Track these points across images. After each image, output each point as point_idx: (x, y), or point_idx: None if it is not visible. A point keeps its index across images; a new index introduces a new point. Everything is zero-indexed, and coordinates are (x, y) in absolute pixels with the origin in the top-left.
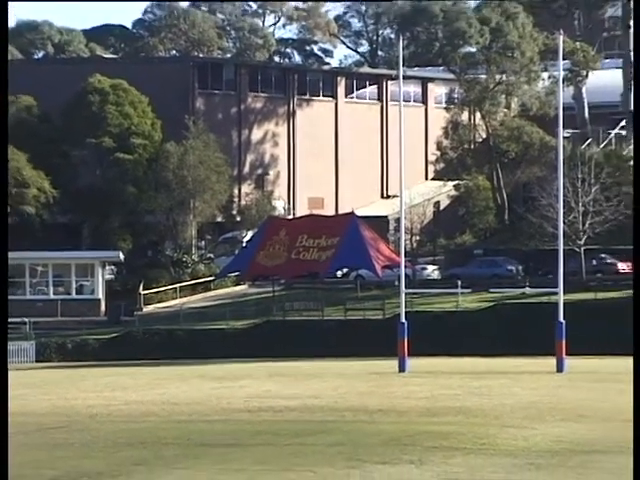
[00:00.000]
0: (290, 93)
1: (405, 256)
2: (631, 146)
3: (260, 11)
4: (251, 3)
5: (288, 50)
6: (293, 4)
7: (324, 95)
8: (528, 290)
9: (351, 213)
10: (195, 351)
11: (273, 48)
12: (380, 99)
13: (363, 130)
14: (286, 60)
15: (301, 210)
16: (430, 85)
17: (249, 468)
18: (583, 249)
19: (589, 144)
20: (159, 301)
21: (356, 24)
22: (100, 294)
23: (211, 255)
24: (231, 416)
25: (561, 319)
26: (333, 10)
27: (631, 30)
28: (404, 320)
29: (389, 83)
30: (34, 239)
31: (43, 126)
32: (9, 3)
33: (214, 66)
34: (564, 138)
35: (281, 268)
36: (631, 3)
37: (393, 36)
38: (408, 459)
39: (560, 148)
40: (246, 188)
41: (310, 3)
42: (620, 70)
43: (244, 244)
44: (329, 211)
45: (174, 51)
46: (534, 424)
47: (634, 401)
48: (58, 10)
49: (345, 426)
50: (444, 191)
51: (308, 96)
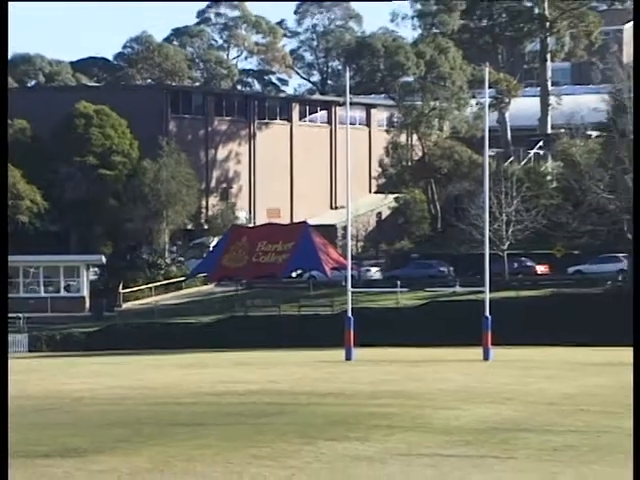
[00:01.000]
0: (251, 117)
1: (351, 259)
2: (548, 163)
3: (225, 45)
4: (216, 38)
5: (249, 79)
6: (254, 39)
7: (280, 119)
8: (458, 289)
9: (304, 222)
10: (168, 342)
11: (236, 78)
12: (329, 122)
13: (314, 150)
14: (247, 88)
15: (260, 219)
16: (373, 110)
17: (216, 444)
18: (506, 253)
19: (511, 162)
20: (136, 299)
21: (309, 57)
22: (85, 292)
23: (182, 258)
24: (200, 399)
25: (487, 314)
26: (289, 45)
27: (548, 63)
28: (350, 315)
29: (337, 108)
30: (27, 244)
31: (35, 146)
32: (9, 3)
33: (184, 93)
34: (489, 157)
35: (243, 270)
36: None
37: (341, 67)
38: (354, 436)
39: (486, 165)
40: (212, 200)
41: (269, 38)
42: (538, 97)
43: (211, 249)
44: (285, 220)
45: (149, 80)
46: (464, 405)
47: (634, 401)
48: (48, 43)
49: (299, 408)
50: (385, 203)
51: (266, 120)
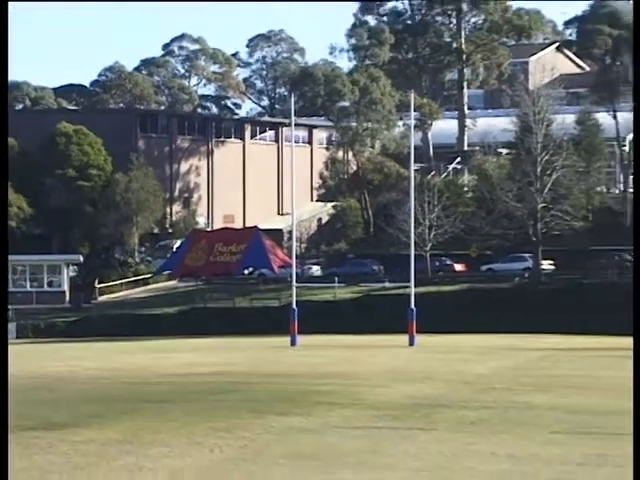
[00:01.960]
0: (209, 136)
1: (295, 258)
2: (464, 176)
3: (186, 74)
4: (179, 67)
5: (207, 104)
6: (211, 69)
7: (234, 138)
8: (387, 284)
9: (255, 227)
10: (138, 330)
11: (196, 102)
12: (277, 141)
13: (264, 164)
14: (206, 111)
15: (217, 224)
16: (314, 130)
17: (179, 419)
18: (429, 254)
19: (433, 175)
20: (110, 293)
21: (259, 84)
22: (65, 287)
23: (149, 258)
24: (165, 379)
25: (412, 306)
26: (242, 74)
27: (464, 90)
28: (295, 307)
29: (283, 129)
30: (15, 246)
31: (22, 160)
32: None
33: (151, 115)
34: (414, 170)
35: (202, 268)
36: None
37: (286, 94)
38: (298, 411)
39: (411, 178)
40: (176, 207)
41: (224, 68)
42: (456, 119)
43: (174, 250)
44: (238, 225)
45: (121, 104)
46: (393, 384)
47: (634, 401)
48: (34, 71)
49: (251, 387)
50: (325, 210)
51: (222, 138)
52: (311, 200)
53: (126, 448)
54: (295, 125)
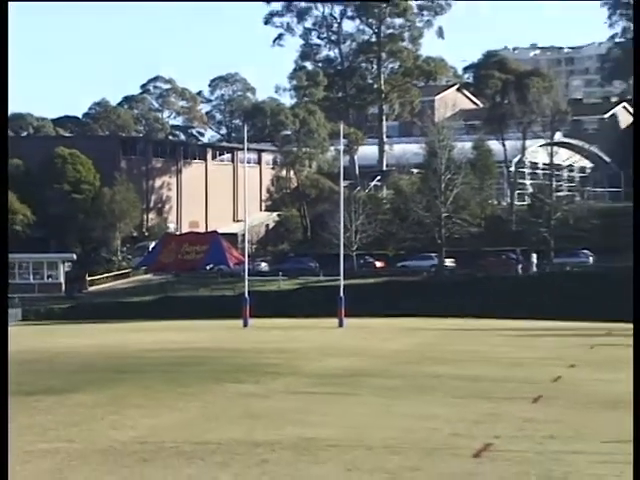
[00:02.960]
0: (178, 158)
1: (247, 257)
2: (383, 191)
3: (160, 108)
4: (154, 103)
5: (177, 132)
6: (180, 104)
7: (199, 159)
8: (322, 278)
9: (214, 231)
10: (120, 314)
11: (168, 131)
12: (233, 162)
13: (222, 181)
14: (175, 138)
15: (184, 229)
16: (263, 154)
17: (154, 386)
18: (355, 253)
19: (358, 190)
20: (98, 284)
21: (218, 116)
22: (61, 279)
23: (129, 256)
24: (143, 354)
25: (341, 295)
26: (205, 108)
27: (383, 122)
28: (247, 296)
29: (238, 152)
30: (21, 246)
31: (26, 177)
32: (9, 3)
33: (131, 141)
34: (343, 186)
35: (172, 264)
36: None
37: (240, 124)
38: (251, 380)
39: (341, 192)
40: (151, 215)
41: (191, 104)
42: (376, 145)
43: (150, 249)
44: (201, 229)
45: (107, 132)
46: (325, 358)
47: (634, 400)
48: (36, 105)
49: (212, 360)
50: (271, 218)
51: (189, 160)
52: (260, 210)
53: (110, 409)
54: (247, 149)
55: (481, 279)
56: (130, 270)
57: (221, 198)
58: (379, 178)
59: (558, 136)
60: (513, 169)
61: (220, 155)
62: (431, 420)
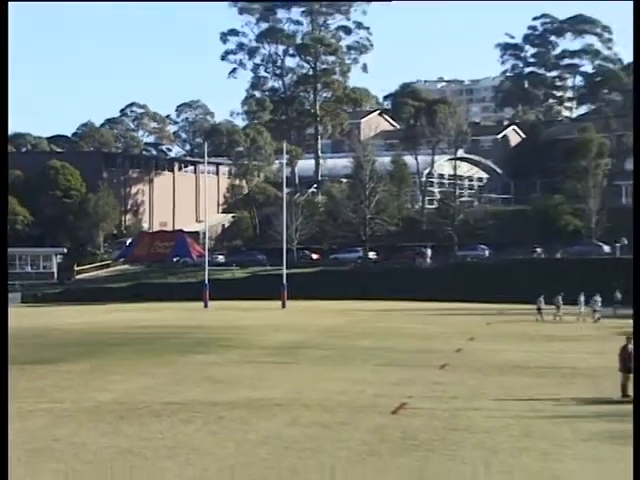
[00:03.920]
0: (150, 170)
1: (207, 251)
2: (319, 197)
3: (136, 128)
4: (131, 124)
5: (150, 148)
6: (152, 125)
7: (167, 171)
8: (268, 268)
9: (180, 230)
10: (102, 298)
11: (142, 147)
12: (195, 173)
13: (187, 188)
14: (148, 153)
15: (156, 228)
16: (220, 166)
17: (130, 357)
18: (295, 247)
19: (298, 196)
20: (84, 273)
21: (184, 136)
22: (54, 269)
23: (110, 250)
24: (119, 330)
25: (284, 282)
26: (172, 128)
27: (319, 140)
28: (207, 282)
29: (200, 165)
30: (21, 242)
31: (25, 186)
32: (9, 3)
33: (112, 156)
34: (286, 193)
35: (146, 256)
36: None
37: (202, 142)
38: (209, 351)
39: (284, 198)
40: (128, 217)
41: (161, 125)
42: (313, 159)
43: (127, 244)
44: (169, 228)
45: (92, 148)
46: (271, 333)
47: (634, 399)
48: (33, 126)
49: (178, 335)
50: (227, 219)
51: (159, 171)
52: (218, 212)
53: (94, 376)
54: (207, 163)
55: (397, 269)
56: (111, 261)
57: (185, 202)
58: (315, 186)
59: (460, 152)
60: (424, 179)
61: (185, 167)
62: (357, 384)
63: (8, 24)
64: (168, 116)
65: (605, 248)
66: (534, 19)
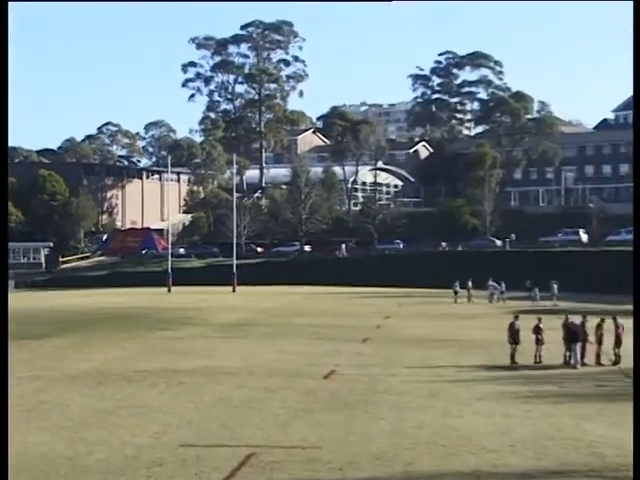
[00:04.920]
0: (123, 177)
1: (170, 244)
2: (263, 200)
3: (111, 143)
4: (107, 140)
5: (122, 160)
6: (125, 141)
7: (137, 178)
8: (221, 259)
9: (148, 227)
10: (82, 284)
11: (116, 159)
12: (160, 181)
13: (153, 193)
14: (121, 164)
15: (127, 226)
16: (181, 175)
17: (106, 333)
18: (244, 242)
19: (246, 200)
20: (67, 263)
21: (151, 149)
22: (42, 260)
23: (89, 244)
24: (96, 311)
25: (234, 271)
26: (141, 144)
27: (263, 153)
28: (169, 271)
29: (164, 174)
30: (14, 237)
31: (18, 191)
32: (9, 3)
33: (91, 166)
34: (236, 197)
35: (119, 249)
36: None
37: (165, 155)
38: (172, 328)
39: (234, 201)
40: (104, 217)
41: (132, 140)
42: (258, 169)
43: (104, 240)
44: (139, 226)
45: (74, 159)
46: (223, 313)
47: (634, 398)
48: (25, 140)
49: (146, 314)
50: (187, 218)
51: (130, 179)
52: (179, 213)
53: (75, 349)
54: (170, 172)
55: (327, 259)
56: (90, 254)
57: (152, 205)
58: (260, 192)
59: (379, 164)
60: (350, 186)
61: (152, 176)
62: (294, 354)
63: (8, 24)
64: (137, 133)
65: (497, 242)
66: (439, 55)
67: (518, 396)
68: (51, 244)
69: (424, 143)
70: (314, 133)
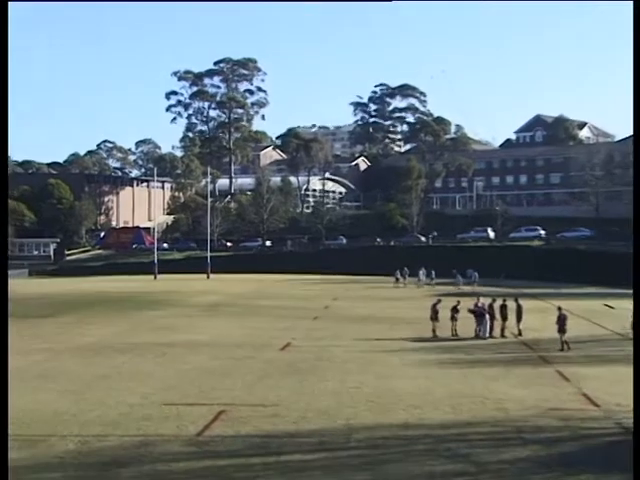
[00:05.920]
0: (118, 185)
1: (156, 240)
2: (232, 204)
3: (107, 157)
4: (104, 154)
5: (117, 171)
6: (119, 155)
7: (129, 186)
8: (198, 252)
9: (137, 226)
10: (84, 273)
11: (112, 169)
12: (148, 188)
13: (142, 198)
14: (116, 174)
15: (121, 225)
16: (165, 184)
17: (103, 312)
18: (216, 238)
19: (218, 203)
20: (72, 256)
21: (140, 162)
22: (51, 253)
23: (90, 240)
24: (96, 295)
25: (208, 261)
26: (132, 157)
27: (232, 166)
28: (155, 262)
29: (151, 182)
30: (28, 235)
31: (31, 196)
32: (9, 3)
33: (91, 176)
34: (210, 201)
35: (114, 244)
36: (232, 157)
37: (152, 167)
38: (157, 308)
39: (209, 205)
40: (102, 217)
41: (124, 155)
42: (228, 179)
43: (101, 236)
44: (130, 225)
45: (77, 171)
46: (200, 296)
47: (634, 398)
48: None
49: (136, 297)
50: (170, 219)
51: (123, 186)
52: (163, 214)
53: (77, 325)
54: (156, 181)
55: (285, 253)
56: (90, 247)
57: (141, 208)
58: (229, 197)
59: (327, 174)
60: (303, 192)
61: (141, 184)
62: (258, 330)
63: (8, 24)
64: (130, 149)
65: (422, 239)
66: (375, 86)
67: (438, 362)
68: (58, 240)
69: (363, 158)
70: (274, 149)
